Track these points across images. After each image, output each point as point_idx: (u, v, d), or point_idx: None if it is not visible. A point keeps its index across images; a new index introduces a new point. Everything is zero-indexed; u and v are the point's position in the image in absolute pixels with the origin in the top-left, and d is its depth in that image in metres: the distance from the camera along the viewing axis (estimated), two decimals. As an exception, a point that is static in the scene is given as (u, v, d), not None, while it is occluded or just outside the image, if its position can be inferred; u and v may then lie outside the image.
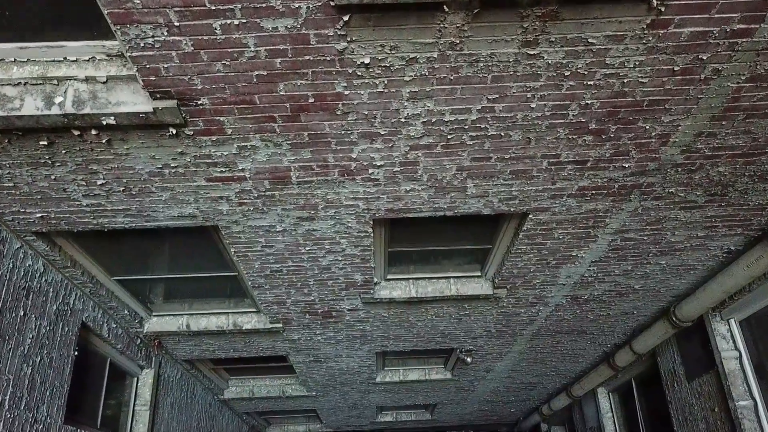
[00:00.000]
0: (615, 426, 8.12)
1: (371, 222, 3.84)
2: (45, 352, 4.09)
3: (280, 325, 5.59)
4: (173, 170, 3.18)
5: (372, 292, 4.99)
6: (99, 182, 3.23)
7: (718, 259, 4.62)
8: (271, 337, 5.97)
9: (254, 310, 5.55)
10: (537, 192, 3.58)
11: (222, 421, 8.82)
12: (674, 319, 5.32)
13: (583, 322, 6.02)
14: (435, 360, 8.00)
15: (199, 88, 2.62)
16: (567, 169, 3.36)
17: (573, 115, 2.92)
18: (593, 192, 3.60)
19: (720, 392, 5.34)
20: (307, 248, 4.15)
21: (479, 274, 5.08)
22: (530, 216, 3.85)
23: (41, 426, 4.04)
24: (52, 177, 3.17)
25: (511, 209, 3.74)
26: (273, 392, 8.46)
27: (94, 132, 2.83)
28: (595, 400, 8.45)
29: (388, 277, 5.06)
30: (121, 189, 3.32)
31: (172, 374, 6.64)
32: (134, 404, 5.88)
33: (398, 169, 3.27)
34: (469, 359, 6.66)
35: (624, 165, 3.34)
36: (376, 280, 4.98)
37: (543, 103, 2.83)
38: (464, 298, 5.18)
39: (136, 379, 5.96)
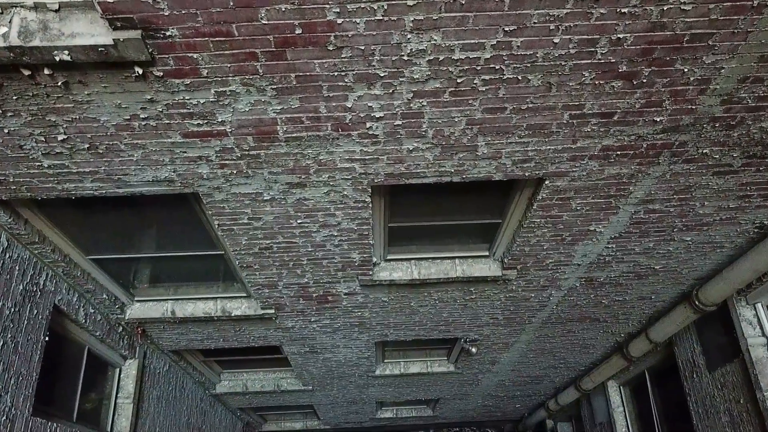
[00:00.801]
0: (626, 421, 7.73)
1: (369, 190, 3.45)
2: (9, 335, 3.69)
3: (273, 311, 5.20)
4: (143, 123, 2.79)
5: (371, 273, 4.60)
6: (60, 137, 2.84)
7: (748, 235, 4.23)
8: (263, 324, 5.58)
9: (244, 294, 5.16)
10: (555, 152, 3.18)
11: (214, 417, 8.43)
12: (696, 303, 4.93)
13: (597, 309, 5.63)
14: (438, 352, 7.61)
15: (167, 14, 2.23)
16: (591, 123, 2.97)
17: (602, 53, 2.53)
18: (618, 153, 3.21)
19: (746, 382, 4.95)
20: (299, 221, 3.76)
21: (487, 253, 4.69)
22: (546, 182, 3.46)
23: (4, 418, 3.64)
24: (5, 131, 2.78)
25: (526, 173, 3.35)
26: (267, 386, 8.07)
27: (47, 71, 2.43)
28: (605, 394, 8.07)
29: (389, 257, 4.67)
30: (86, 146, 2.93)
31: (158, 366, 6.24)
32: (116, 397, 5.49)
33: (400, 123, 2.88)
34: (474, 349, 6.27)
35: (655, 119, 2.95)
36: (375, 260, 4.59)
37: (568, 37, 2.44)
38: (470, 281, 4.79)
39: (118, 370, 5.57)
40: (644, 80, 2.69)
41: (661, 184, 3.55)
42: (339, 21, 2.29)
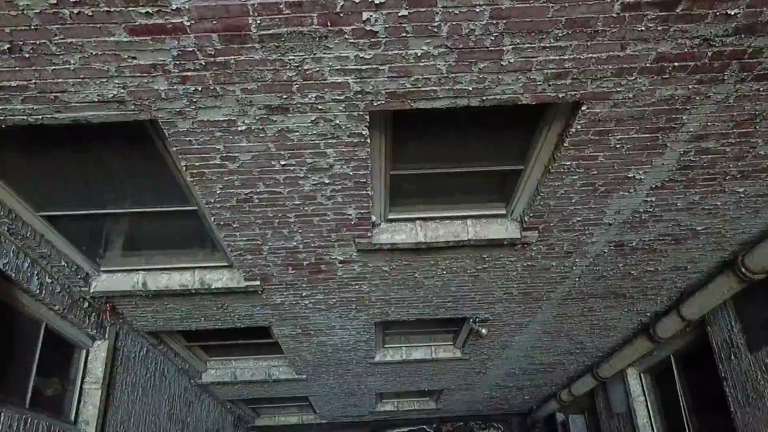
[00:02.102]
0: (648, 411, 7.12)
1: (367, 118, 2.82)
2: (-67, 300, 3.07)
3: (258, 283, 4.57)
4: (76, 12, 2.16)
5: (369, 236, 3.97)
6: (-31, 32, 2.21)
7: (810, 185, 3.61)
8: (249, 300, 4.95)
9: (225, 263, 4.53)
10: (598, 63, 2.56)
11: (201, 408, 7.80)
12: (742, 271, 4.31)
13: (624, 282, 5.00)
14: (443, 336, 6.98)
15: None
16: (647, 18, 2.34)
17: None
18: (675, 65, 2.59)
19: (798, 361, 4.34)
20: (283, 163, 3.14)
21: (504, 212, 4.06)
22: (583, 108, 2.83)
23: (-74, 398, 3.02)
24: None
25: (560, 94, 2.72)
26: (258, 375, 7.44)
27: None
28: (623, 382, 7.44)
29: (390, 216, 4.04)
30: (6, 47, 2.30)
31: (133, 350, 5.61)
32: (82, 382, 4.86)
33: (406, 14, 2.25)
34: (484, 330, 5.65)
35: (728, 12, 2.32)
36: (374, 219, 3.96)
37: None
38: (484, 245, 4.17)
39: (85, 352, 4.94)
40: (724, -52, 2.07)
41: (720, 113, 2.93)
42: None
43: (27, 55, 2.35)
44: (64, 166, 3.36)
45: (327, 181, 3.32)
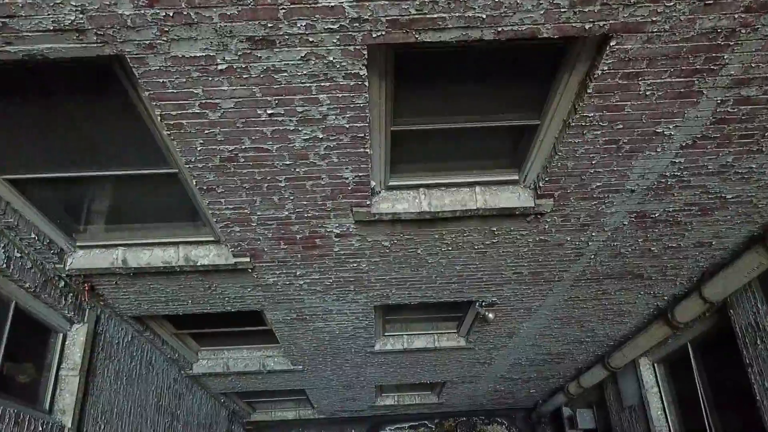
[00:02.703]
0: (662, 403, 6.76)
1: (365, 53, 2.47)
2: None
3: (248, 260, 4.21)
4: None
5: (368, 204, 3.62)
6: None
7: None
8: (238, 280, 4.59)
9: (212, 238, 4.17)
10: (633, -18, 2.21)
11: (192, 401, 7.44)
12: (775, 244, 3.96)
13: (643, 260, 4.65)
14: (446, 324, 6.63)
15: None
16: None
17: None
18: (722, -14, 2.24)
19: (834, 343, 3.99)
20: (270, 112, 2.78)
21: (516, 177, 3.70)
22: (612, 44, 2.48)
23: None
24: None
25: (587, 25, 2.37)
26: (252, 366, 7.08)
27: None
28: (635, 373, 7.09)
29: (391, 183, 3.69)
30: (-62, -46, 1.95)
31: (117, 335, 5.26)
32: (58, 367, 4.50)
33: None
34: (491, 315, 5.30)
35: None
36: (373, 184, 3.60)
37: None
38: (494, 216, 3.81)
39: (61, 336, 4.58)
40: None
41: (765, 52, 2.58)
42: None
43: (-36, -34, 2.00)
44: (25, 121, 3.00)
45: (320, 136, 2.96)
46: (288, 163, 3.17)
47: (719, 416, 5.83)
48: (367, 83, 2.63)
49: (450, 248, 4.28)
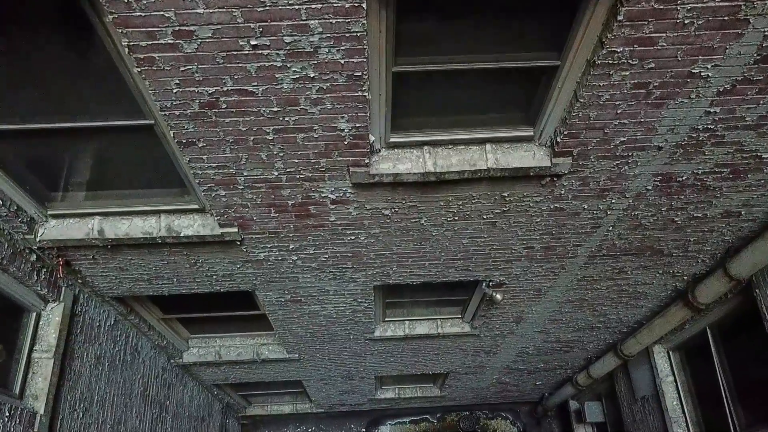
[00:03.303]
0: (678, 393, 6.40)
1: (363, -34, 2.12)
2: None
3: (235, 230, 3.86)
4: None
5: (367, 163, 3.26)
6: None
7: None
8: (227, 254, 4.24)
9: (196, 206, 3.82)
10: None
11: (183, 392, 7.08)
12: (813, 211, 3.60)
13: (664, 233, 4.29)
14: (450, 309, 6.27)
15: None
16: None
17: None
18: None
19: None
20: (254, 43, 2.43)
21: (531, 133, 3.35)
22: (650, -46, 2.13)
23: None
24: None
25: (622, -74, 2.02)
26: (245, 354, 6.72)
27: None
28: (649, 362, 6.73)
29: (392, 139, 3.33)
30: None
31: (98, 317, 4.90)
32: (31, 349, 4.15)
33: None
34: (498, 296, 4.94)
35: None
36: (372, 139, 3.24)
37: None
38: (506, 177, 3.46)
39: (35, 315, 4.22)
40: None
41: (827, -33, 2.22)
42: None
43: None
44: (-21, 59, 2.65)
45: (312, 75, 2.61)
46: (276, 110, 2.82)
47: (742, 407, 5.47)
48: (365, 5, 2.28)
49: (456, 218, 3.93)
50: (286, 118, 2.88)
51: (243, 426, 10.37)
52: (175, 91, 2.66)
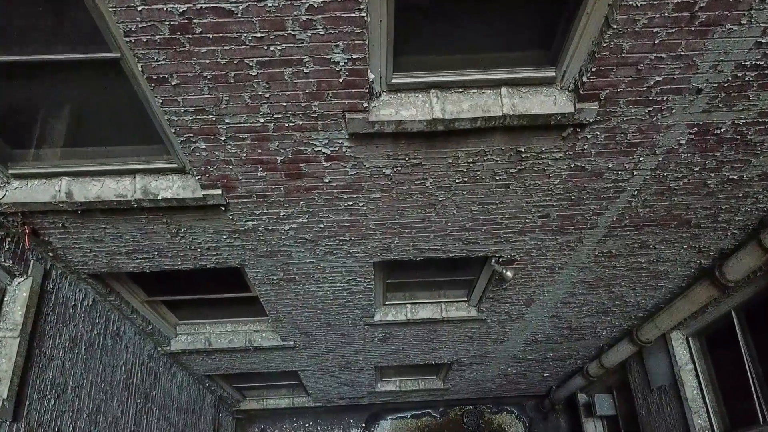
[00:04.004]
0: (699, 381, 6.00)
1: None
2: None
3: (219, 192, 3.46)
4: None
5: (366, 107, 2.87)
6: None
7: None
8: (211, 222, 3.84)
9: (175, 165, 3.42)
10: None
11: (171, 382, 6.68)
12: None
13: (694, 199, 3.90)
14: (455, 292, 5.87)
15: None
16: None
17: None
18: None
19: None
20: (231, -58, 2.03)
21: (552, 74, 2.94)
22: None
23: None
24: None
25: None
26: (237, 342, 6.32)
27: None
28: (666, 349, 6.34)
29: (395, 80, 2.93)
30: None
31: (73, 296, 4.50)
32: (-6, 328, 3.75)
33: None
34: (509, 273, 4.53)
35: None
36: (372, 78, 2.84)
37: None
38: (523, 126, 3.06)
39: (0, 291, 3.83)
40: None
41: None
42: None
43: None
44: None
45: (301, -13, 2.21)
46: (259, 36, 2.42)
47: (772, 393, 5.08)
48: None
49: (465, 179, 3.53)
50: (272, 47, 2.49)
51: (237, 420, 9.97)
52: (140, 8, 2.26)
